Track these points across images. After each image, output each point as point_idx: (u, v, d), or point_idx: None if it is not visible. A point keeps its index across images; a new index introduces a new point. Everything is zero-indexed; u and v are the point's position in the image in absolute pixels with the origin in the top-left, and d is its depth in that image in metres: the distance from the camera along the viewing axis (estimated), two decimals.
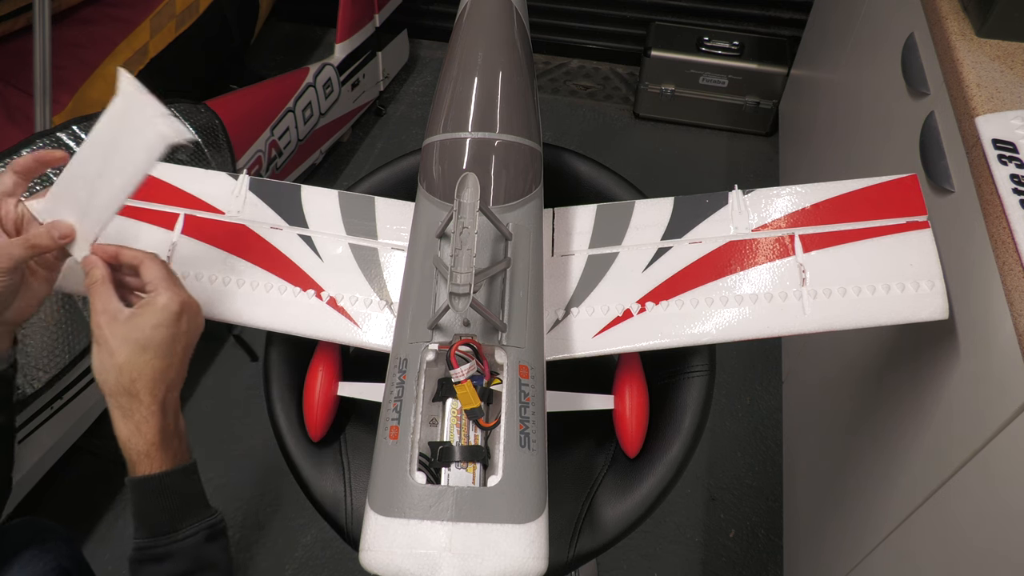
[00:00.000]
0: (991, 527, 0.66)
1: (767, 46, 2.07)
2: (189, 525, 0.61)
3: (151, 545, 0.60)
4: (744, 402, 1.57)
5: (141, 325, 0.60)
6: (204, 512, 0.63)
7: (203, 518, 0.62)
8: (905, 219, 0.71)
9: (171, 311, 0.61)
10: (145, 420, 0.60)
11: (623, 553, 1.35)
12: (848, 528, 0.98)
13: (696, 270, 0.72)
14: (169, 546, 0.60)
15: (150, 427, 0.60)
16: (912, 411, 0.82)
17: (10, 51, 1.46)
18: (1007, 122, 0.73)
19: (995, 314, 0.65)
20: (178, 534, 0.60)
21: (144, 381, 0.59)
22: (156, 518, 0.60)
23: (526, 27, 0.88)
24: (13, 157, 1.07)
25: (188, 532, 0.60)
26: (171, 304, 0.61)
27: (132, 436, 0.60)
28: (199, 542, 0.61)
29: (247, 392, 1.58)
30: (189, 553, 0.60)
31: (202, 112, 1.38)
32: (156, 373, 0.60)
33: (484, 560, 0.52)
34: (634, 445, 0.73)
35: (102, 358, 0.59)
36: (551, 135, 2.16)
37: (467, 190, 0.62)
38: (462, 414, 0.59)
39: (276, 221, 0.79)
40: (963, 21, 0.88)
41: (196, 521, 0.61)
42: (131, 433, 0.60)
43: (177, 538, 0.60)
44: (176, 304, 0.61)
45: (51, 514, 1.37)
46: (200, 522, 0.62)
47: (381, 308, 0.74)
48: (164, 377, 0.61)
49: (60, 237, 0.63)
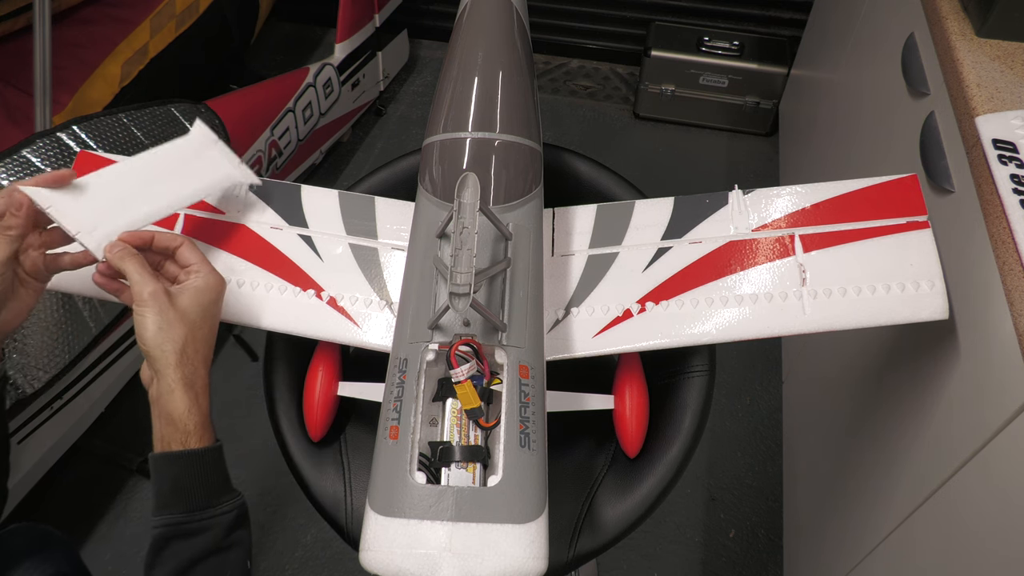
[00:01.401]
0: (991, 527, 0.66)
1: (767, 46, 2.07)
2: (225, 502, 0.62)
3: (186, 520, 0.60)
4: (744, 402, 1.57)
5: (198, 302, 0.63)
6: (234, 492, 0.64)
7: (234, 497, 0.63)
8: (905, 219, 0.70)
9: (219, 290, 0.65)
10: (203, 392, 0.62)
11: (623, 553, 1.35)
12: (848, 528, 0.98)
13: (696, 270, 0.72)
14: (203, 521, 0.60)
15: (206, 399, 0.62)
16: (912, 411, 0.82)
17: (10, 51, 1.46)
18: (1007, 122, 0.73)
19: (995, 314, 0.65)
20: (216, 509, 0.61)
21: (202, 355, 0.62)
22: (196, 493, 0.61)
23: (526, 27, 0.88)
24: (13, 157, 1.07)
25: (224, 508, 0.61)
26: (219, 284, 0.65)
27: (191, 408, 0.61)
28: (232, 519, 0.61)
29: (247, 392, 1.58)
30: (223, 529, 0.61)
31: (202, 112, 1.37)
32: (208, 348, 0.63)
33: (484, 560, 0.52)
34: (634, 445, 0.73)
35: (163, 331, 0.61)
36: (551, 135, 2.16)
37: (467, 190, 0.62)
38: (462, 414, 0.59)
39: (276, 221, 0.79)
40: (963, 21, 0.88)
41: (230, 499, 0.62)
42: (190, 405, 0.61)
43: (215, 513, 0.61)
44: (222, 284, 0.66)
45: (51, 514, 1.37)
46: (234, 499, 0.63)
47: (381, 308, 0.74)
48: (211, 352, 0.64)
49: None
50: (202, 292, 0.63)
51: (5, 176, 1.05)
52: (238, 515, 0.62)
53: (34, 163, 1.08)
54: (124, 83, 1.46)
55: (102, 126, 1.18)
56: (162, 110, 1.29)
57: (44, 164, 1.08)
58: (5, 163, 1.06)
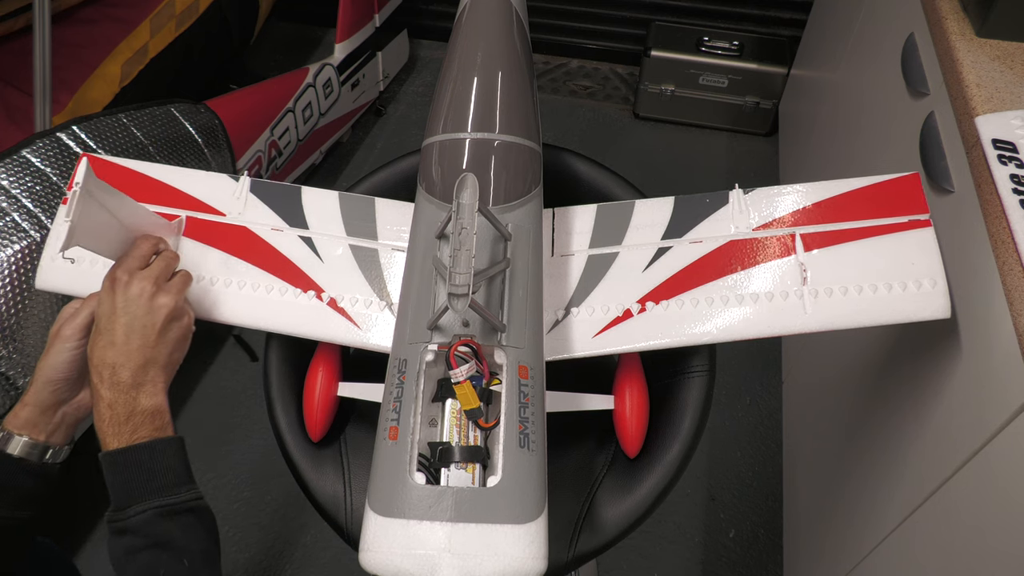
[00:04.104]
0: (991, 527, 0.66)
1: (767, 46, 2.07)
2: (140, 503, 0.61)
3: (111, 519, 0.61)
4: (744, 402, 1.57)
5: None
6: (170, 491, 0.62)
7: (164, 496, 0.62)
8: (907, 218, 0.70)
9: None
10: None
11: (623, 553, 1.35)
12: (848, 528, 0.98)
13: (696, 270, 0.72)
14: (124, 521, 0.61)
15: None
16: (912, 411, 0.82)
17: (10, 51, 1.46)
18: (1007, 122, 0.73)
19: (995, 314, 0.65)
20: (130, 510, 0.61)
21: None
22: (115, 493, 0.62)
23: (526, 27, 0.88)
24: (13, 157, 1.07)
25: (138, 509, 0.61)
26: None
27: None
28: (148, 519, 0.61)
29: (247, 392, 1.58)
30: (141, 529, 0.60)
31: (202, 112, 1.37)
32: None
33: (483, 560, 0.52)
34: (634, 445, 0.73)
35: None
36: (551, 135, 2.16)
37: (466, 190, 0.62)
38: (461, 414, 0.59)
39: (277, 222, 0.79)
40: (963, 21, 0.88)
41: (149, 499, 0.61)
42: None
43: (128, 515, 0.61)
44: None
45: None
46: (152, 500, 0.61)
47: (381, 309, 0.74)
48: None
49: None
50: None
51: (5, 176, 1.05)
52: (160, 513, 0.61)
53: (34, 163, 1.08)
54: (124, 83, 1.46)
55: (102, 126, 1.18)
56: (162, 110, 1.29)
57: (44, 164, 1.08)
58: (5, 163, 1.06)
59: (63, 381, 0.67)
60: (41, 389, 0.66)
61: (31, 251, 1.04)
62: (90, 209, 0.64)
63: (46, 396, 0.66)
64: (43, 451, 0.67)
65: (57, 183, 1.09)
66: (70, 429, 0.69)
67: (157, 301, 0.65)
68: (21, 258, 1.03)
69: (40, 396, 0.66)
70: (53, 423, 0.67)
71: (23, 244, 1.04)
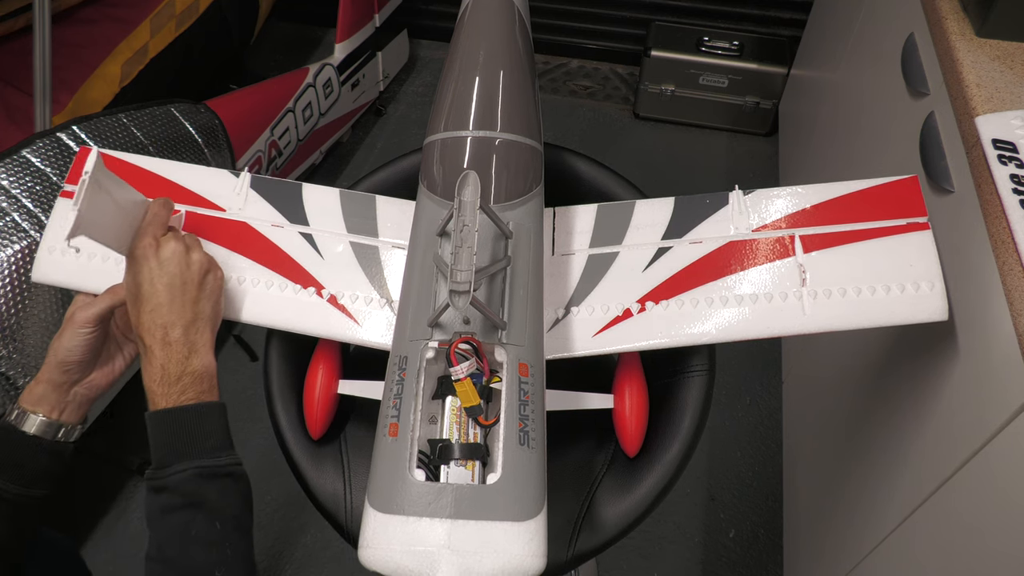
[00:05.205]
0: (991, 527, 0.66)
1: (767, 46, 2.07)
2: (181, 462, 0.62)
3: (151, 476, 0.62)
4: (744, 402, 1.57)
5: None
6: (211, 454, 0.63)
7: (204, 458, 0.63)
8: (905, 220, 0.70)
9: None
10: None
11: (623, 553, 1.35)
12: (848, 528, 0.98)
13: (696, 270, 0.72)
14: (164, 479, 0.61)
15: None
16: (912, 411, 0.82)
17: (10, 51, 1.46)
18: (1007, 122, 0.73)
19: (995, 314, 0.65)
20: (170, 469, 0.62)
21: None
22: (158, 452, 0.63)
23: (527, 26, 0.88)
24: (13, 157, 1.07)
25: (178, 468, 0.62)
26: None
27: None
28: (187, 478, 0.61)
29: (247, 392, 1.58)
30: (179, 488, 0.61)
31: (202, 112, 1.38)
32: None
33: (483, 558, 0.52)
34: (634, 445, 0.73)
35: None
36: (551, 135, 2.16)
37: (468, 188, 0.62)
38: (461, 412, 0.59)
39: (277, 219, 0.79)
40: (963, 21, 0.88)
41: (190, 460, 0.62)
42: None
43: (167, 473, 0.61)
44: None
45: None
46: (193, 461, 0.62)
47: (381, 306, 0.74)
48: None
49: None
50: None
51: (5, 176, 1.06)
52: (200, 474, 0.62)
53: (34, 163, 1.08)
54: (124, 83, 1.46)
55: (102, 126, 1.18)
56: (162, 110, 1.29)
57: (44, 164, 1.09)
58: (5, 163, 1.06)
59: (75, 363, 0.69)
60: (54, 369, 0.68)
61: (31, 251, 1.04)
62: (98, 199, 0.64)
63: (58, 375, 0.68)
64: (57, 429, 0.69)
65: (57, 183, 1.09)
66: (82, 408, 0.71)
67: (191, 257, 0.68)
68: (21, 258, 1.03)
69: (53, 375, 0.68)
70: (65, 401, 0.69)
71: (23, 244, 1.04)
